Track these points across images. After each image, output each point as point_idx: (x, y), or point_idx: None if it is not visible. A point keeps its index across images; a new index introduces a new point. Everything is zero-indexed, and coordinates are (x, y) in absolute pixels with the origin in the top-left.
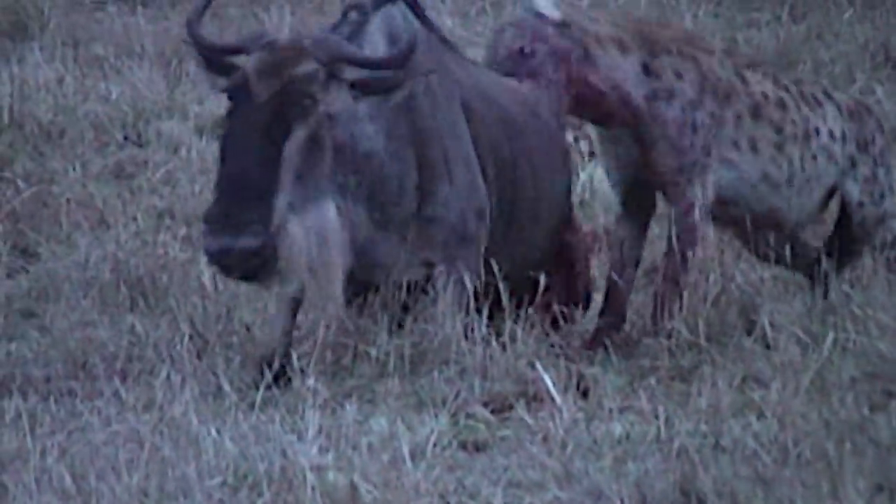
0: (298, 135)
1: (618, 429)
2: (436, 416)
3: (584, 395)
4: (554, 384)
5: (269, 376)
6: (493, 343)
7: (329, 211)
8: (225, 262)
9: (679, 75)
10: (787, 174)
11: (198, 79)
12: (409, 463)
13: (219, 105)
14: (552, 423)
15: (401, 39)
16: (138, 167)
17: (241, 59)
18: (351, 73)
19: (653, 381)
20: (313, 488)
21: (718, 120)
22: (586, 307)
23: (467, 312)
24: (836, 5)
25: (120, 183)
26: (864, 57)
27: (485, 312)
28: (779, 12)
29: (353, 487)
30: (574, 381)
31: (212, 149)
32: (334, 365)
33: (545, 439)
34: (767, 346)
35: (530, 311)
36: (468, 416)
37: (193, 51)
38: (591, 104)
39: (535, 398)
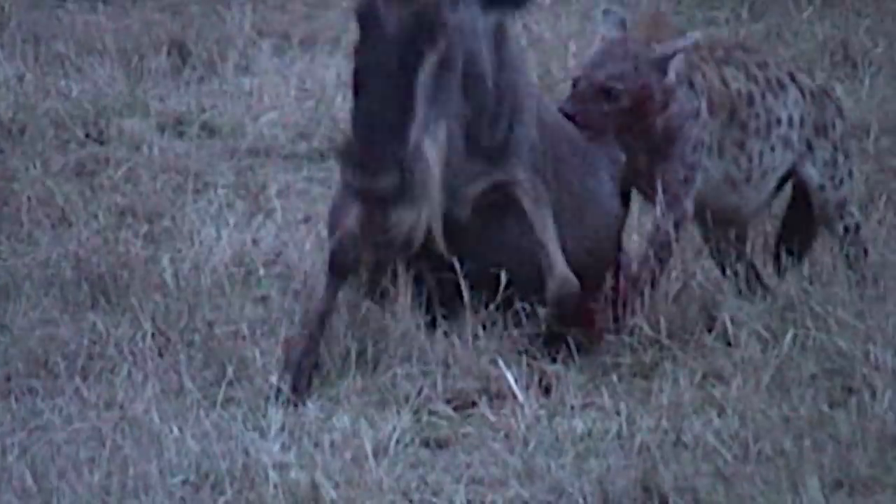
0: (431, 61)
1: (580, 425)
2: (398, 413)
3: (547, 391)
4: (516, 381)
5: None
6: (456, 340)
7: (448, 131)
8: (364, 197)
9: (701, 92)
10: (747, 172)
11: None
12: (371, 460)
13: (179, 102)
14: (514, 419)
15: None
16: (100, 165)
17: None
18: None
19: (614, 377)
20: (275, 486)
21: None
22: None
23: (428, 311)
24: (796, 3)
25: (81, 180)
26: (824, 55)
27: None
28: (738, 10)
29: (315, 485)
30: (536, 378)
31: (173, 146)
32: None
33: (507, 436)
34: (728, 343)
35: (491, 308)
36: (431, 413)
37: None
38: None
39: (498, 395)
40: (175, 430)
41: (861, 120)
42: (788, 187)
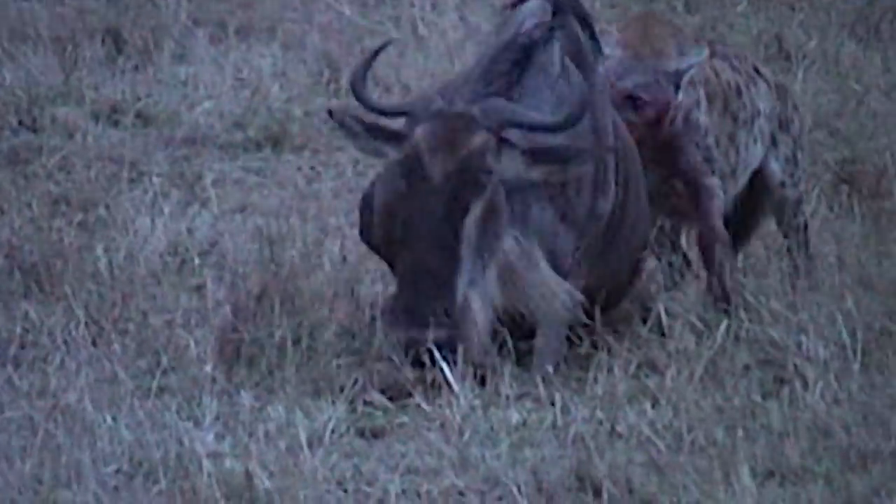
0: (476, 211)
1: (514, 416)
2: (333, 403)
3: (482, 382)
4: (452, 371)
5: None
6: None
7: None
8: (415, 353)
9: (699, 83)
10: (733, 165)
11: (352, 144)
12: (306, 450)
13: (115, 91)
14: (450, 410)
15: (567, 96)
16: (33, 153)
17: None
18: (519, 138)
19: (549, 368)
20: (209, 476)
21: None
22: None
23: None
24: None
25: (14, 169)
26: (758, 48)
27: None
28: (674, 3)
29: (250, 475)
30: (472, 368)
31: (108, 134)
32: (232, 351)
33: (443, 426)
34: (662, 334)
35: None
36: (366, 403)
37: (349, 116)
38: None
39: (433, 385)
40: (108, 419)
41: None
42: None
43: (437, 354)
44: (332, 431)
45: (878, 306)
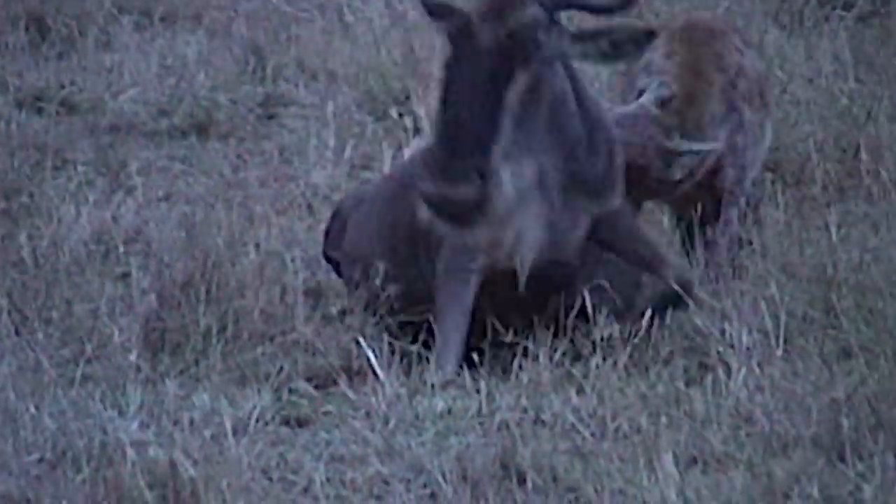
0: (521, 81)
1: (440, 404)
2: (258, 391)
3: (408, 370)
4: (377, 359)
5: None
6: (317, 318)
7: (535, 172)
8: (441, 207)
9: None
10: (760, 154)
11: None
12: (231, 438)
13: (38, 78)
14: (375, 398)
15: None
16: None
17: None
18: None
19: (475, 356)
20: (133, 464)
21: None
22: None
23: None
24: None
25: None
26: None
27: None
28: None
29: (174, 463)
30: (397, 356)
31: (31, 122)
32: (157, 339)
33: (368, 414)
34: (587, 322)
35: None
36: (291, 391)
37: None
38: None
39: (359, 373)
40: (32, 408)
41: None
42: None
43: (363, 343)
44: (258, 420)
45: (800, 293)
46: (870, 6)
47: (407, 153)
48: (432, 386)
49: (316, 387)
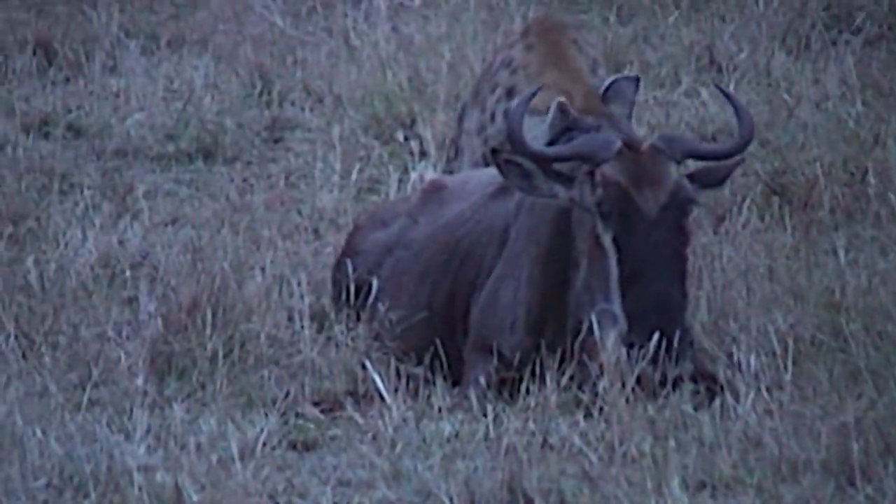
0: (692, 240)
1: (447, 428)
2: (265, 415)
3: (415, 394)
4: (384, 383)
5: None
6: (323, 342)
7: None
8: (662, 385)
9: None
10: None
11: (516, 184)
12: (237, 463)
13: (45, 103)
14: (382, 422)
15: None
16: None
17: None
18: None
19: (482, 380)
20: (140, 489)
21: None
22: None
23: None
24: (663, 8)
25: None
26: (690, 59)
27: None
28: (606, 14)
29: (180, 488)
30: (404, 380)
31: (38, 146)
32: (163, 364)
33: (375, 438)
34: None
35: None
36: (298, 415)
37: (522, 157)
38: None
39: (365, 397)
40: (38, 432)
41: (725, 124)
42: None
43: (369, 367)
44: (264, 444)
45: (809, 317)
46: (877, 30)
47: (414, 177)
48: (439, 409)
49: (322, 411)
